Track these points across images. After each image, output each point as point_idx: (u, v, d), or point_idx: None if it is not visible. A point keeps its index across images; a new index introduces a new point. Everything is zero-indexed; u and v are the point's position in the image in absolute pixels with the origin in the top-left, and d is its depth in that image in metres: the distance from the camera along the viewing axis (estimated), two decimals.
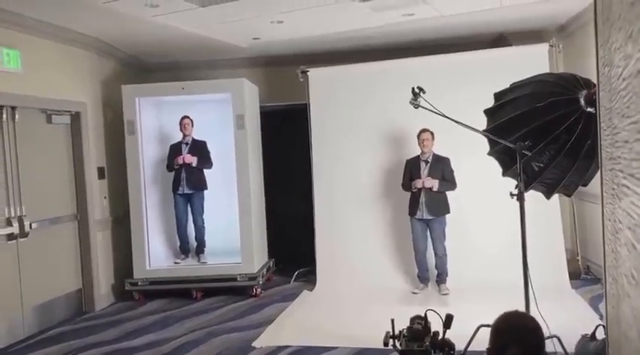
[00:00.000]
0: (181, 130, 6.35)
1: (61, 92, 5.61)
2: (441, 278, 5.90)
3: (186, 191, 6.40)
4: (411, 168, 5.91)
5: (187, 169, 6.33)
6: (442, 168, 5.80)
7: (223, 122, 6.45)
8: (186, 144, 6.37)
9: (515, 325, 2.08)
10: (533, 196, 3.97)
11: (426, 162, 5.83)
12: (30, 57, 5.15)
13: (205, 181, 6.45)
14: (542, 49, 5.99)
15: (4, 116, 4.97)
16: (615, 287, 1.82)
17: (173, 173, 6.39)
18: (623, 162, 1.61)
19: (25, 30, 5.09)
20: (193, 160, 6.29)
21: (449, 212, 5.84)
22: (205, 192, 6.50)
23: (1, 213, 4.93)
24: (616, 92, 1.64)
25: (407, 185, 5.90)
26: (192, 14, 5.00)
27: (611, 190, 1.78)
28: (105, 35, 6.00)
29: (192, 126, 6.38)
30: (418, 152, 5.91)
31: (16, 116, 5.08)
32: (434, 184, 5.72)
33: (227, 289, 6.16)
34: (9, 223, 4.96)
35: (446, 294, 5.79)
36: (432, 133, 5.78)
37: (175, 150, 6.39)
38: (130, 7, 4.72)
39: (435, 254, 5.88)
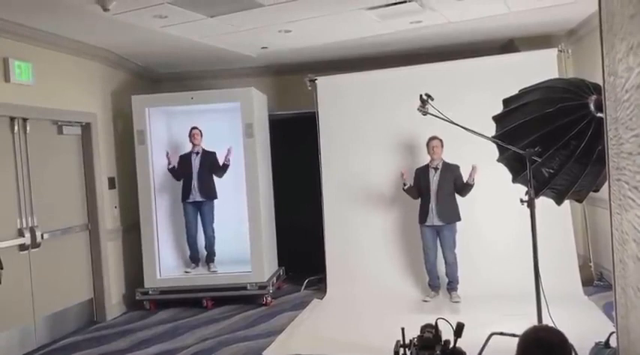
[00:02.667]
0: (191, 141, 6.39)
1: (71, 103, 5.66)
2: (452, 286, 5.85)
3: (198, 199, 6.41)
4: (420, 176, 5.89)
5: (199, 178, 6.35)
6: (453, 175, 5.77)
7: (233, 131, 6.47)
8: (197, 153, 6.40)
9: (542, 340, 2.06)
10: (543, 202, 3.94)
11: (436, 169, 5.81)
12: (41, 69, 5.21)
13: (215, 190, 6.47)
14: (551, 54, 5.94)
15: (16, 127, 5.03)
16: (624, 297, 1.81)
17: (182, 182, 6.42)
18: (628, 173, 1.59)
19: (36, 42, 5.15)
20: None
21: (459, 219, 5.80)
22: (215, 201, 6.52)
23: (13, 224, 4.97)
24: (620, 102, 1.63)
25: (411, 191, 5.85)
26: (201, 25, 5.04)
27: (619, 200, 1.76)
28: (115, 46, 6.05)
29: (202, 136, 6.41)
30: (427, 159, 5.89)
31: (28, 127, 5.14)
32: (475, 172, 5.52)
33: (237, 298, 6.16)
34: (21, 234, 5.00)
35: (457, 302, 5.74)
36: (441, 141, 5.76)
37: (185, 160, 6.42)
38: (139, 18, 4.76)
39: (446, 262, 5.84)
